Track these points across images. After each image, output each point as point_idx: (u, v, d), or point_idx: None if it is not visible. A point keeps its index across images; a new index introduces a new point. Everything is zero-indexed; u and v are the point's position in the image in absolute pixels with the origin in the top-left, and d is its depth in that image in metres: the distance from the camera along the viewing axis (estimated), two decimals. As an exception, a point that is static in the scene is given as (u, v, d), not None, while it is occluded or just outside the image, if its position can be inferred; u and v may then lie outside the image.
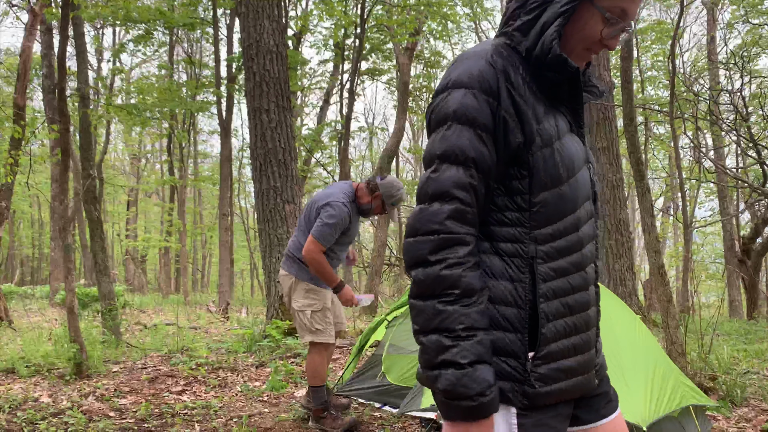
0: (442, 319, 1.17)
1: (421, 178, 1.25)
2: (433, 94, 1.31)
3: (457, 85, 1.24)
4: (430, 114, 1.29)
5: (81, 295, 11.44)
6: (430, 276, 1.19)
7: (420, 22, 11.82)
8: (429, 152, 1.26)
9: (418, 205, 1.24)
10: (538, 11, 1.28)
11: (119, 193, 30.05)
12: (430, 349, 1.18)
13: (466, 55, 1.30)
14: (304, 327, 3.90)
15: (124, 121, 15.23)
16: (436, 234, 1.20)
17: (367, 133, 19.75)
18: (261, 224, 7.48)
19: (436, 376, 1.17)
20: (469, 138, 1.22)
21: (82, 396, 4.78)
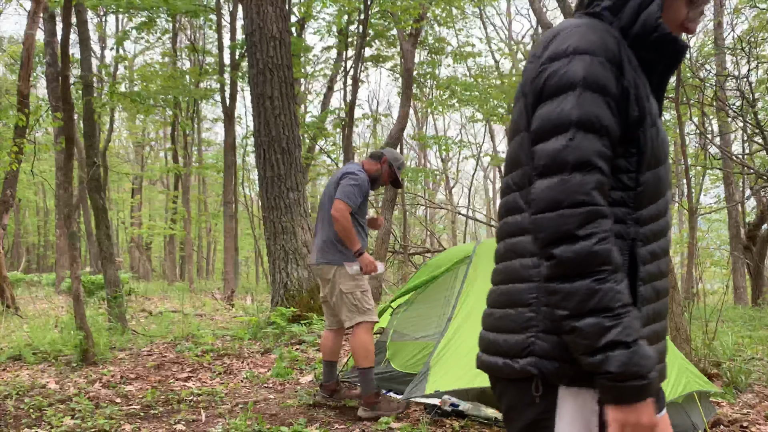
0: (600, 298, 1.11)
1: (552, 146, 1.17)
2: (542, 61, 1.23)
3: (580, 51, 1.19)
4: (544, 80, 1.21)
5: (87, 283, 11.49)
6: (581, 253, 1.11)
7: (424, 8, 11.73)
8: (559, 118, 1.17)
9: (553, 176, 1.15)
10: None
11: (124, 181, 30.09)
12: (590, 333, 1.11)
13: (574, 25, 1.24)
14: (355, 308, 3.94)
15: (127, 108, 15.24)
16: (583, 206, 1.13)
17: (370, 120, 19.68)
18: (265, 212, 7.49)
19: (602, 360, 1.10)
20: (601, 106, 1.17)
21: (89, 382, 4.82)
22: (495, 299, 1.35)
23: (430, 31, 15.81)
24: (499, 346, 1.28)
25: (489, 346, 1.32)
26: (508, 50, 20.66)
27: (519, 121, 1.29)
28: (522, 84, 1.30)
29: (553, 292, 1.15)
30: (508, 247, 1.31)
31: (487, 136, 24.36)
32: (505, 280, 1.31)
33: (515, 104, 1.33)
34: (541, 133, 1.19)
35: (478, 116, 17.69)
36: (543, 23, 15.18)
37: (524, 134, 1.27)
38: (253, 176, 25.20)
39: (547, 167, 1.16)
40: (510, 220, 1.30)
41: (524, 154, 1.27)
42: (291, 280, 7.16)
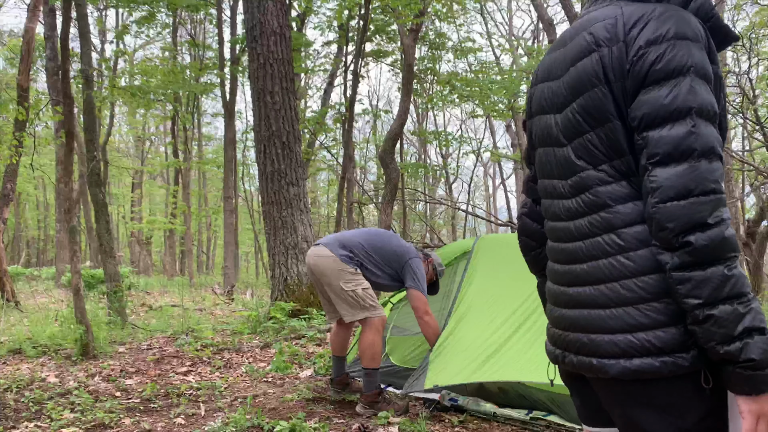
0: (733, 284, 1.10)
1: (674, 133, 1.15)
2: (640, 45, 1.20)
3: (681, 36, 1.18)
4: (649, 64, 1.18)
5: (87, 277, 11.51)
6: (715, 240, 1.11)
7: (425, 4, 11.70)
8: (677, 104, 1.15)
9: (679, 164, 1.14)
10: None
11: (124, 176, 30.08)
12: (727, 321, 1.09)
13: (659, 10, 1.22)
14: (357, 305, 3.90)
15: (128, 103, 15.23)
16: (713, 194, 1.12)
17: (371, 115, 19.67)
18: (265, 207, 7.49)
19: (740, 347, 1.08)
20: (710, 92, 1.17)
21: (89, 376, 4.84)
22: (623, 296, 1.23)
23: (431, 27, 15.79)
24: (651, 345, 1.18)
25: (631, 348, 1.21)
26: (509, 46, 20.62)
27: (605, 109, 1.25)
28: (597, 69, 1.26)
29: (684, 281, 1.12)
30: (632, 236, 1.23)
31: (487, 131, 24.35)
32: (639, 272, 1.22)
33: (582, 90, 1.29)
34: (654, 119, 1.17)
35: (479, 112, 17.67)
36: (544, 19, 15.15)
37: (616, 123, 1.24)
38: (253, 171, 25.22)
39: (669, 155, 1.15)
40: (624, 210, 1.24)
41: (626, 142, 1.24)
42: (291, 275, 7.17)
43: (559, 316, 1.40)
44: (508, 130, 20.53)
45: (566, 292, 1.36)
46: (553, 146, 1.40)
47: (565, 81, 1.35)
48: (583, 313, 1.30)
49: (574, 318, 1.33)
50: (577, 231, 1.33)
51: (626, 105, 1.23)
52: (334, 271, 3.91)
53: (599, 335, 1.26)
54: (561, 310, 1.39)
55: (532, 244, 1.61)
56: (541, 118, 1.45)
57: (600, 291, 1.26)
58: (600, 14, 1.30)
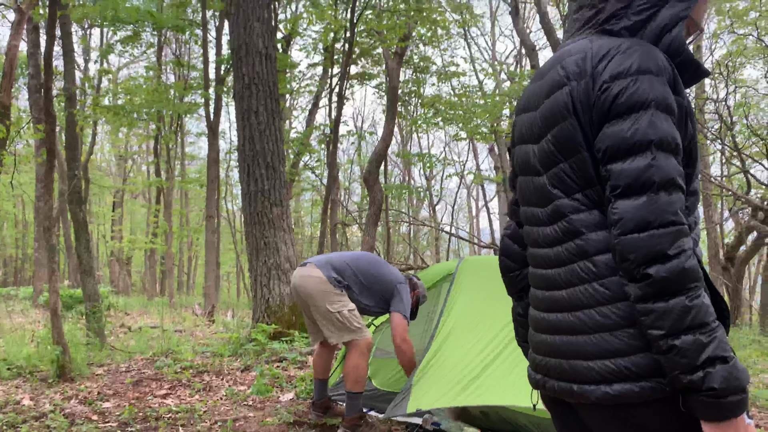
0: (694, 315, 1.12)
1: (634, 166, 1.17)
2: (604, 79, 1.24)
3: (644, 71, 1.21)
4: (612, 98, 1.22)
5: (65, 297, 11.32)
6: (675, 271, 1.12)
7: (409, 28, 11.85)
8: (637, 137, 1.18)
9: (639, 196, 1.16)
10: (649, 12, 1.31)
11: (105, 194, 29.82)
12: (689, 351, 1.11)
13: (625, 44, 1.26)
14: (343, 327, 3.86)
15: (111, 121, 15.13)
16: (672, 225, 1.15)
17: (355, 137, 19.75)
18: (248, 227, 7.45)
19: (702, 377, 1.10)
20: (672, 125, 1.20)
21: (65, 399, 4.74)
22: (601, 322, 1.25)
23: (416, 51, 15.96)
24: (630, 371, 1.20)
25: (610, 374, 1.22)
26: (492, 70, 20.87)
27: (575, 140, 1.28)
28: (567, 101, 1.29)
29: (647, 312, 1.15)
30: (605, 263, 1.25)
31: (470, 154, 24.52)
32: (612, 298, 1.24)
33: (556, 122, 1.32)
34: (616, 152, 1.20)
35: (462, 135, 17.82)
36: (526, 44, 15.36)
37: (585, 154, 1.27)
38: (236, 191, 25.15)
39: (629, 187, 1.17)
40: (596, 237, 1.27)
41: (594, 173, 1.26)
42: (273, 296, 7.11)
43: (539, 342, 1.41)
44: (491, 153, 20.69)
45: (546, 318, 1.38)
46: (531, 175, 1.44)
47: (540, 112, 1.39)
48: (563, 339, 1.32)
49: (554, 344, 1.35)
50: (556, 258, 1.35)
51: (593, 137, 1.26)
52: (320, 292, 3.88)
53: (578, 361, 1.28)
54: (541, 336, 1.40)
55: (512, 265, 1.63)
56: (521, 148, 1.49)
57: (577, 317, 1.28)
58: (573, 48, 1.34)
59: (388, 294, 4.08)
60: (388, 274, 4.11)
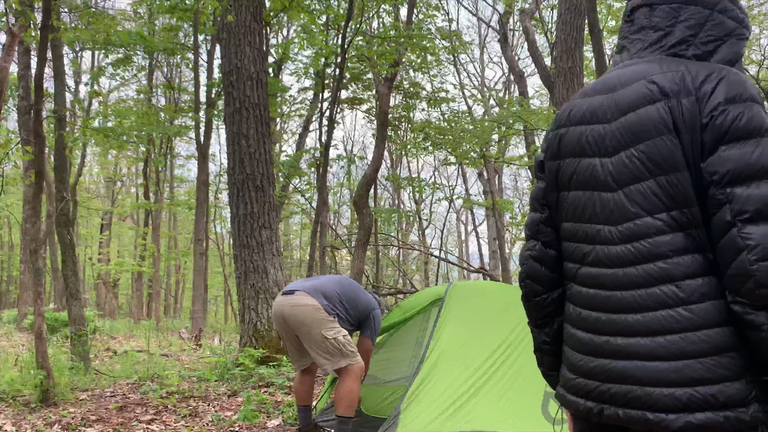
0: None
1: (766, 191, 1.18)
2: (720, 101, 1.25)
3: (754, 99, 1.24)
4: (731, 121, 1.23)
5: (50, 320, 11.17)
6: None
7: (400, 54, 11.96)
8: (765, 162, 1.20)
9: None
10: (715, 45, 1.35)
11: (93, 216, 29.60)
12: None
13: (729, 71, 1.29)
14: (338, 353, 3.83)
15: (100, 143, 15.10)
16: None
17: (345, 160, 19.81)
18: (237, 250, 7.42)
19: None
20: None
21: (47, 425, 4.65)
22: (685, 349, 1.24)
23: (406, 76, 16.10)
24: (715, 400, 1.20)
25: (693, 403, 1.21)
26: (481, 96, 21.08)
27: (672, 158, 1.27)
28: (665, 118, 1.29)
29: None
30: (692, 289, 1.24)
31: (460, 179, 24.64)
32: (702, 325, 1.23)
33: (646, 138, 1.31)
34: (741, 175, 1.20)
35: (452, 159, 17.92)
36: (515, 71, 15.54)
37: (685, 173, 1.26)
38: (225, 214, 25.07)
39: (759, 212, 1.17)
40: (684, 261, 1.26)
41: (692, 194, 1.26)
42: (261, 320, 7.06)
43: (597, 367, 1.35)
44: (480, 178, 20.80)
45: (611, 342, 1.33)
46: (598, 190, 1.39)
47: (619, 125, 1.36)
48: (637, 364, 1.28)
49: (623, 369, 1.30)
50: (628, 279, 1.31)
51: (697, 157, 1.25)
52: (315, 320, 3.85)
53: (657, 388, 1.25)
54: (601, 361, 1.35)
55: (539, 289, 1.55)
56: (579, 161, 1.44)
57: (657, 343, 1.26)
58: (656, 67, 1.35)
59: (362, 318, 4.16)
60: (365, 300, 4.18)
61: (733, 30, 1.36)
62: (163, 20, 16.37)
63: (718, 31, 1.35)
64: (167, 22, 15.12)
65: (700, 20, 1.36)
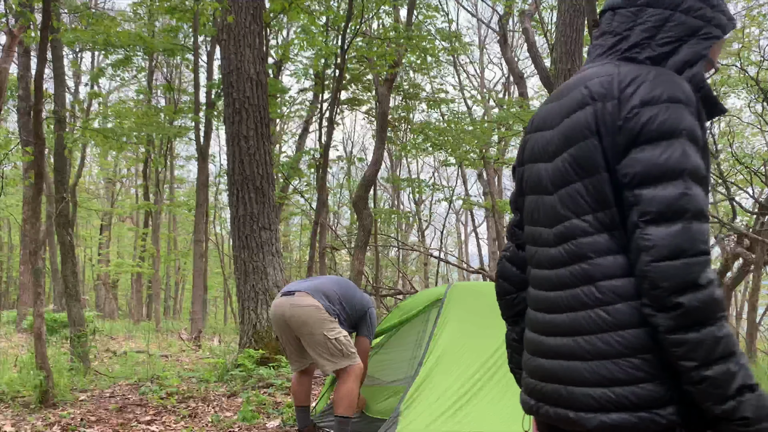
0: (725, 344, 1.12)
1: (667, 193, 1.17)
2: (634, 104, 1.24)
3: (674, 100, 1.22)
4: (642, 123, 1.22)
5: (50, 321, 11.17)
6: (706, 301, 1.12)
7: (399, 55, 11.97)
8: (671, 165, 1.18)
9: (673, 223, 1.15)
10: (673, 46, 1.33)
11: (93, 217, 29.59)
12: (721, 381, 1.11)
13: (656, 72, 1.27)
14: (340, 353, 3.84)
15: (100, 144, 15.09)
16: (703, 255, 1.14)
17: (345, 161, 19.82)
18: (237, 251, 7.42)
19: (734, 406, 1.11)
20: (699, 157, 1.21)
21: (47, 425, 4.65)
22: (600, 350, 1.24)
23: (405, 77, 16.11)
24: (628, 401, 1.20)
25: (608, 403, 1.22)
26: (481, 97, 21.09)
27: (594, 160, 1.28)
28: (590, 122, 1.29)
29: (680, 344, 1.13)
30: (609, 289, 1.24)
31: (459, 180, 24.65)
32: (616, 326, 1.23)
33: (575, 141, 1.31)
34: (646, 177, 1.19)
35: (451, 160, 17.93)
36: (514, 72, 15.55)
37: (604, 175, 1.27)
38: (224, 215, 25.06)
39: (662, 214, 1.16)
40: (604, 262, 1.25)
41: (612, 195, 1.26)
42: (261, 321, 7.06)
43: (536, 366, 1.39)
44: (480, 179, 20.81)
45: (545, 342, 1.36)
46: (541, 194, 1.42)
47: (558, 131, 1.38)
48: (562, 364, 1.30)
49: (551, 369, 1.33)
50: (558, 280, 1.33)
51: (615, 159, 1.25)
52: (317, 320, 3.85)
53: (577, 387, 1.27)
54: (538, 360, 1.38)
55: (509, 288, 1.61)
56: (532, 166, 1.48)
57: (578, 343, 1.27)
58: (597, 71, 1.35)
59: (358, 317, 4.18)
60: (361, 300, 4.20)
61: (698, 30, 1.33)
62: (162, 21, 16.39)
63: (678, 32, 1.33)
64: (167, 23, 15.14)
65: (658, 22, 1.34)
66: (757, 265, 10.96)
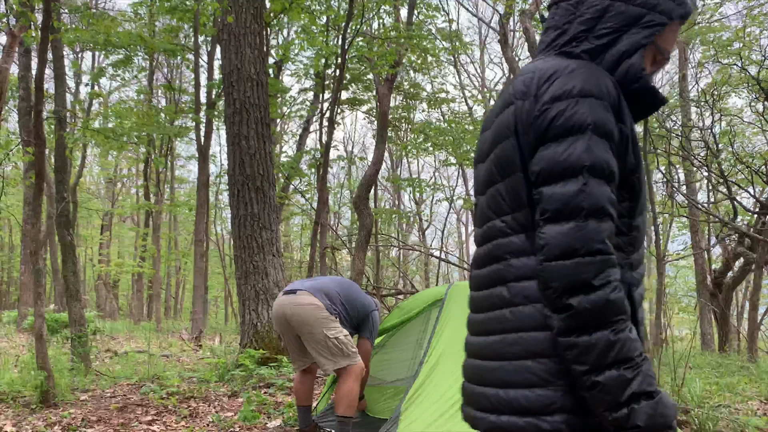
0: (619, 349, 1.07)
1: (564, 190, 1.13)
2: (545, 101, 1.20)
3: (586, 94, 1.17)
4: (549, 120, 1.18)
5: (50, 321, 11.18)
6: (598, 303, 1.08)
7: (400, 55, 11.97)
8: (570, 161, 1.14)
9: (567, 222, 1.12)
10: (610, 38, 1.27)
11: (93, 217, 29.61)
12: (613, 387, 1.07)
13: (573, 66, 1.22)
14: (340, 352, 3.84)
15: (101, 144, 15.11)
16: (599, 254, 1.09)
17: (346, 161, 19.82)
18: (237, 251, 7.42)
19: (627, 414, 1.06)
20: (608, 151, 1.15)
21: (48, 425, 4.65)
22: (501, 350, 1.23)
23: (406, 77, 16.11)
24: (518, 404, 1.18)
25: (500, 404, 1.20)
26: (481, 97, 21.09)
27: (512, 160, 1.25)
28: (511, 122, 1.26)
29: (570, 347, 1.10)
30: (517, 291, 1.22)
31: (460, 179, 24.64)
32: (518, 327, 1.21)
33: (499, 141, 1.29)
34: (549, 175, 1.16)
35: (452, 160, 17.93)
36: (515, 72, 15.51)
37: (520, 175, 1.24)
38: (225, 215, 25.07)
39: (558, 212, 1.13)
40: (517, 263, 1.23)
41: (526, 195, 1.23)
42: (261, 321, 7.06)
43: (463, 364, 1.41)
44: (481, 179, 20.77)
45: (467, 340, 1.37)
46: (478, 195, 1.41)
47: (491, 131, 1.35)
48: (474, 362, 1.30)
49: (468, 367, 1.34)
50: (480, 280, 1.32)
51: (529, 158, 1.22)
52: (318, 319, 3.86)
53: (478, 387, 1.26)
54: (466, 359, 1.40)
55: None
56: (476, 167, 1.47)
57: (486, 342, 1.26)
58: (527, 68, 1.32)
59: (360, 319, 4.17)
60: (363, 301, 4.20)
61: (639, 18, 1.26)
62: (163, 21, 16.38)
63: (617, 22, 1.26)
64: (167, 23, 15.14)
65: (596, 13, 1.28)
66: (758, 264, 10.96)
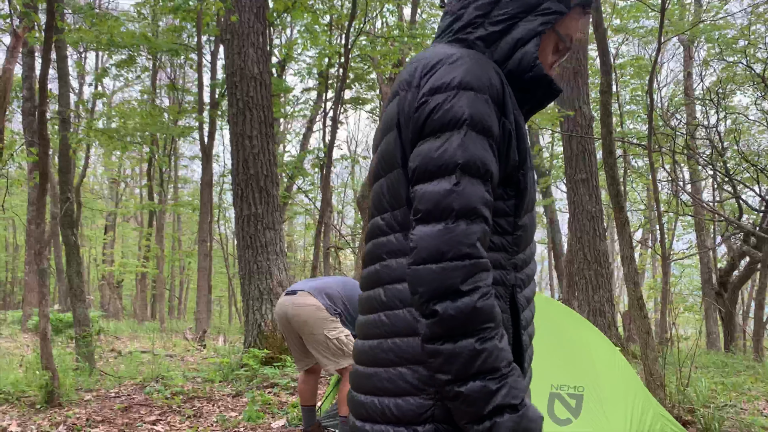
0: (485, 359, 1.00)
1: (435, 189, 1.05)
2: (423, 92, 1.11)
3: (465, 86, 1.08)
4: (427, 113, 1.09)
5: (55, 321, 11.20)
6: (464, 310, 1.01)
7: (403, 54, 11.96)
8: (444, 158, 1.05)
9: (436, 223, 1.04)
10: (506, 24, 1.19)
11: (97, 218, 29.68)
12: (475, 399, 1.00)
13: (456, 55, 1.14)
14: (341, 353, 3.83)
15: (104, 144, 15.14)
16: (468, 259, 1.02)
17: (349, 161, 19.81)
18: (241, 251, 7.42)
19: (489, 427, 1.00)
20: (486, 148, 1.07)
21: (53, 425, 4.65)
22: (377, 356, 1.16)
23: (409, 76, 16.07)
24: (390, 413, 1.11)
25: (372, 412, 1.14)
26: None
27: (394, 155, 1.17)
28: (395, 113, 1.18)
29: (435, 354, 1.03)
30: (393, 294, 1.15)
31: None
32: (393, 332, 1.14)
33: (385, 133, 1.21)
34: (423, 172, 1.08)
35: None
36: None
37: (400, 171, 1.16)
38: (228, 214, 25.08)
39: (428, 212, 1.05)
40: (394, 264, 1.15)
41: (405, 193, 1.14)
42: (265, 320, 7.06)
43: None
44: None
45: (354, 345, 1.30)
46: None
47: (380, 123, 1.28)
48: (356, 368, 1.24)
49: (352, 372, 1.28)
50: (364, 281, 1.26)
51: (409, 153, 1.14)
52: (318, 319, 3.85)
53: (356, 393, 1.20)
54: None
55: None
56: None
57: (365, 347, 1.20)
58: (415, 56, 1.24)
59: None
60: None
61: (536, 6, 1.19)
62: (166, 21, 16.41)
63: (514, 9, 1.19)
64: (171, 22, 15.16)
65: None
66: (763, 263, 10.91)
